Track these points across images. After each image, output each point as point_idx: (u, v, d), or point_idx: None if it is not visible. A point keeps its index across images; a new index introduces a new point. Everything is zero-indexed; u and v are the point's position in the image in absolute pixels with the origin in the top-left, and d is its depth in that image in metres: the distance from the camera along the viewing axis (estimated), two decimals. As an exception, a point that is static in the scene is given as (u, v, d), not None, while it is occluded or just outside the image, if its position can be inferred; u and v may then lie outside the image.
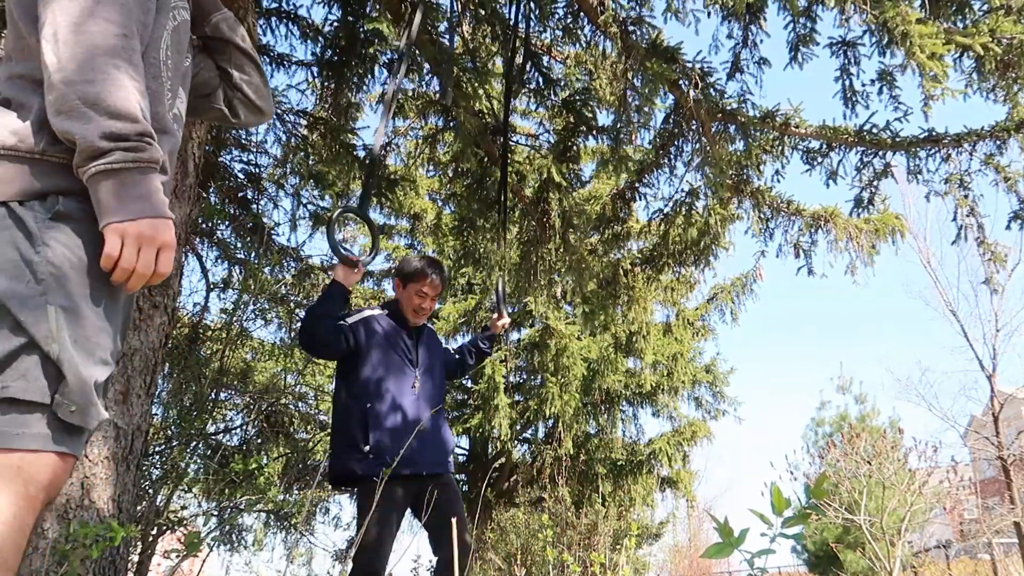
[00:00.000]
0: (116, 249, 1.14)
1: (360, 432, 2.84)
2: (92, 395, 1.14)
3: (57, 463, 1.11)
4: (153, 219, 1.16)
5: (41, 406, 1.09)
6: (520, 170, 5.04)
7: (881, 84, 3.86)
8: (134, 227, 1.14)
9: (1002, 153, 4.11)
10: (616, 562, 5.93)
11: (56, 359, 1.10)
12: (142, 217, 1.15)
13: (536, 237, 5.01)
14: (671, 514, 12.79)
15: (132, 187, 1.14)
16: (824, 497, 6.73)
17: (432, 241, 10.24)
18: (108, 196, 1.13)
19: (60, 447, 1.11)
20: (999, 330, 12.09)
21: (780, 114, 4.15)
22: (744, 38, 4.21)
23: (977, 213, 4.34)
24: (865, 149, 4.29)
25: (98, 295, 1.17)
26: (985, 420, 13.28)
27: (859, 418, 16.19)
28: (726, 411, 11.37)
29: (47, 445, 1.09)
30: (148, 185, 1.17)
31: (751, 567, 1.85)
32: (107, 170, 1.12)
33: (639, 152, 4.89)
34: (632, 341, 10.03)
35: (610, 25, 3.76)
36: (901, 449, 7.49)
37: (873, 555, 6.85)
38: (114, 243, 1.13)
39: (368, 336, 2.98)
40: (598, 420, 10.84)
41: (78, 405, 1.12)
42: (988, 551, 11.05)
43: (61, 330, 1.11)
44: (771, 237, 4.90)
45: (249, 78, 1.66)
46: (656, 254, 5.16)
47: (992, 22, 3.47)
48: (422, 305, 3.08)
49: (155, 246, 1.17)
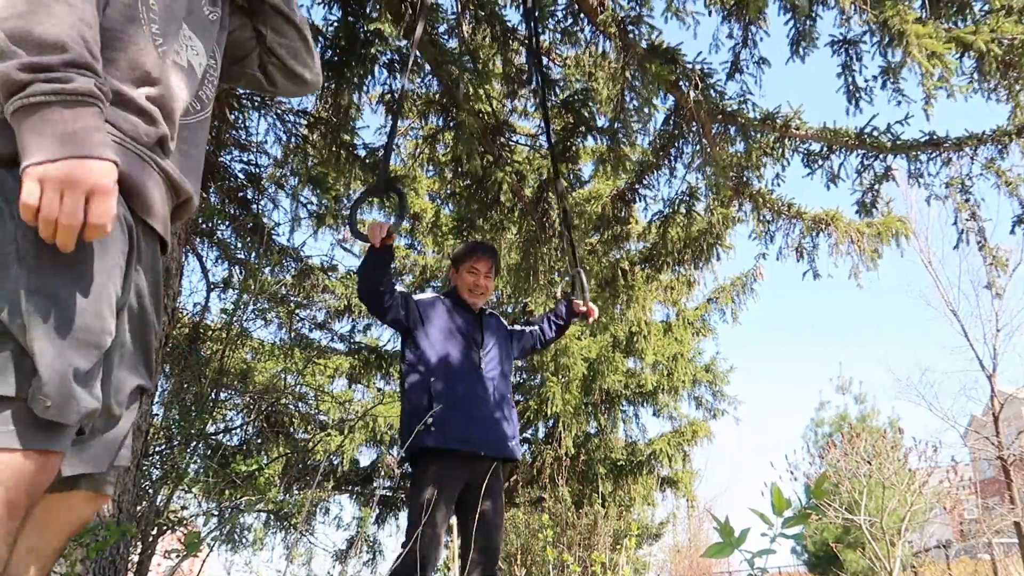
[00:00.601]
0: (34, 196, 0.98)
1: (423, 407, 2.88)
2: (71, 387, 1.01)
3: (36, 461, 1.01)
4: (81, 159, 0.99)
5: (8, 400, 0.99)
6: (520, 170, 5.04)
7: (884, 79, 3.85)
8: (55, 169, 0.98)
9: (1003, 157, 4.11)
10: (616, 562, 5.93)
11: (27, 348, 0.99)
12: (66, 157, 0.98)
13: (536, 237, 5.01)
14: (671, 514, 12.80)
15: (55, 124, 0.99)
16: (824, 497, 6.73)
17: (432, 241, 10.23)
18: (28, 135, 0.99)
19: (36, 444, 1.00)
20: (999, 330, 12.10)
21: (780, 116, 4.15)
22: (744, 38, 4.21)
23: (978, 217, 4.34)
24: (866, 152, 4.29)
25: (71, 267, 1.03)
26: (985, 420, 13.28)
27: (859, 418, 16.21)
28: (726, 410, 11.37)
29: (18, 443, 0.99)
30: (77, 121, 1.00)
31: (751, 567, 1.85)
32: (25, 106, 0.99)
33: (638, 151, 4.89)
34: (632, 341, 10.03)
35: (609, 25, 3.76)
36: (901, 449, 7.50)
37: (873, 555, 6.85)
38: (31, 189, 0.98)
39: (431, 314, 3.04)
40: (598, 420, 10.84)
41: (54, 400, 1.00)
42: (988, 551, 11.05)
43: (29, 314, 0.99)
44: (772, 240, 4.90)
45: (287, 41, 1.52)
46: (656, 254, 5.17)
47: (993, 22, 3.47)
48: (476, 282, 3.14)
49: (81, 191, 0.99)
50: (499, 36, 4.39)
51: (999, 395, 12.14)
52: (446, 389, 2.92)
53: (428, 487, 2.78)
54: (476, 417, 2.90)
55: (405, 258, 10.40)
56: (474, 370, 3.01)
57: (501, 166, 4.70)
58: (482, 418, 2.93)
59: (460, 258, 3.25)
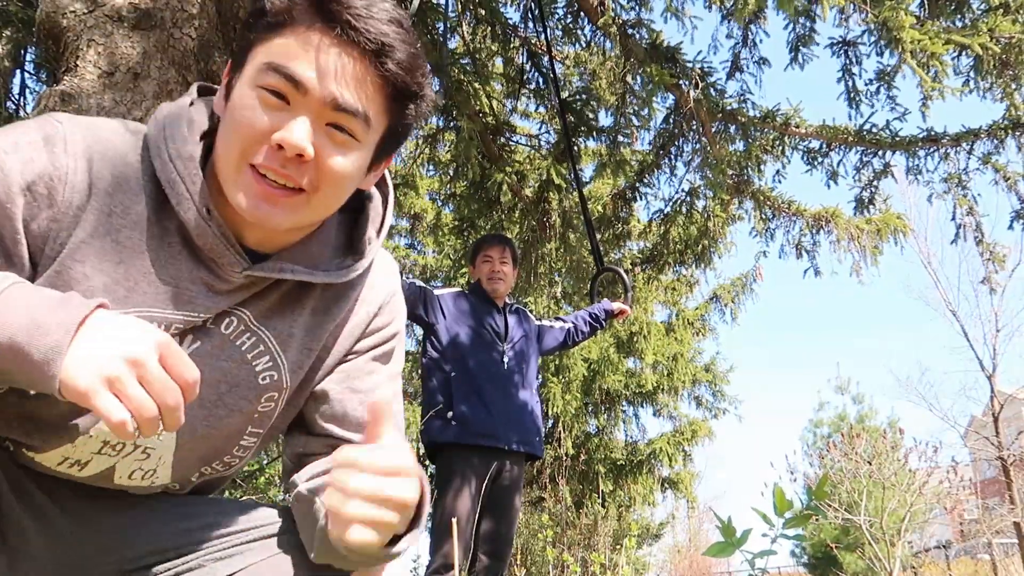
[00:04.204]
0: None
1: (445, 401, 2.87)
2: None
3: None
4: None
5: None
6: (520, 170, 5.04)
7: (879, 84, 3.87)
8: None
9: (1000, 152, 4.12)
10: (616, 562, 5.93)
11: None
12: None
13: (536, 237, 5.01)
14: (671, 514, 12.80)
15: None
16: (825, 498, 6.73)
17: (432, 241, 10.24)
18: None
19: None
20: (999, 330, 12.10)
21: (780, 114, 4.16)
22: (744, 38, 4.22)
23: (976, 212, 4.35)
24: (865, 149, 4.30)
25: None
26: (985, 420, 13.28)
27: (857, 419, 16.20)
28: (726, 410, 11.36)
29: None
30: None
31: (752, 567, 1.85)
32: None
33: (638, 155, 4.90)
34: (632, 341, 10.04)
35: (610, 26, 3.77)
36: (901, 449, 7.49)
37: (873, 556, 6.84)
38: None
39: (453, 309, 3.03)
40: (598, 420, 10.84)
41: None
42: (988, 551, 11.05)
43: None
44: (772, 238, 4.90)
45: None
46: (656, 253, 5.17)
47: (991, 21, 3.47)
48: (493, 268, 3.13)
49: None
50: (500, 36, 4.39)
51: (999, 395, 12.14)
52: (468, 383, 2.89)
53: (453, 486, 2.77)
54: (498, 412, 2.87)
55: (405, 258, 10.40)
56: (497, 364, 2.97)
57: (501, 167, 4.70)
58: (504, 412, 2.90)
59: (473, 252, 3.27)
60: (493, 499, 2.90)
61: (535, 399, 3.11)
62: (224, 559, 0.94)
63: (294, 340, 0.95)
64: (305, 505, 0.93)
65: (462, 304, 3.07)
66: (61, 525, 0.95)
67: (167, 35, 2.23)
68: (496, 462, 2.91)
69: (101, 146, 0.86)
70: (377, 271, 1.03)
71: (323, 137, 0.83)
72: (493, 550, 2.91)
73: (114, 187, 0.85)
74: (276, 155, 0.81)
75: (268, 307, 0.93)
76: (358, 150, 0.86)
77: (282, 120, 0.81)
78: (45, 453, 0.89)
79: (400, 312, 1.06)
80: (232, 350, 0.92)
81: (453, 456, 2.83)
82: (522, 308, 3.31)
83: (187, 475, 0.99)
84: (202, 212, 0.85)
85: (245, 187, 0.83)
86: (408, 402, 8.67)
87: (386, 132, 0.89)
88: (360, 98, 0.82)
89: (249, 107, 0.82)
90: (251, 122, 0.81)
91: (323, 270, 0.93)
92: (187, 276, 0.87)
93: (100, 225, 0.84)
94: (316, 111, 0.82)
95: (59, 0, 2.18)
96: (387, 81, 0.83)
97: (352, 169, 0.86)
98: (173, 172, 0.85)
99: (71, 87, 2.08)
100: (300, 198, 0.84)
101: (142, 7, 2.22)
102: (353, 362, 1.01)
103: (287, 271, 0.90)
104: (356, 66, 0.82)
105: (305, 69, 0.80)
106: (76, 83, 2.08)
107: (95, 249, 0.83)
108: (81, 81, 2.09)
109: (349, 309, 0.99)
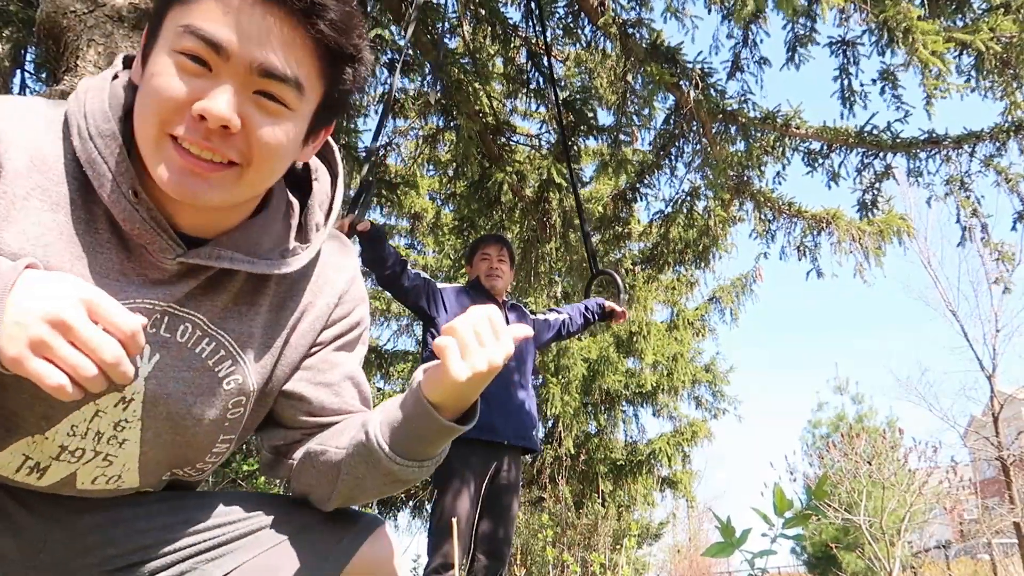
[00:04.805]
0: None
1: None
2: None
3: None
4: None
5: None
6: (520, 170, 5.04)
7: (883, 84, 3.87)
8: None
9: (1002, 154, 4.12)
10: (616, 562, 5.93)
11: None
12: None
13: (536, 237, 5.01)
14: (671, 514, 12.80)
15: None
16: (824, 498, 6.72)
17: (432, 241, 10.23)
18: None
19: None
20: (999, 330, 12.10)
21: (781, 115, 4.15)
22: (744, 38, 4.22)
23: (980, 214, 4.35)
24: (866, 150, 4.30)
25: None
26: (985, 420, 13.28)
27: (856, 419, 16.19)
28: (726, 410, 11.37)
29: None
30: None
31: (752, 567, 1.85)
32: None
33: (639, 155, 4.90)
34: (632, 341, 10.04)
35: (610, 26, 3.77)
36: (900, 449, 7.49)
37: (873, 556, 6.84)
38: None
39: (454, 303, 3.05)
40: (598, 420, 10.84)
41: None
42: (988, 551, 11.05)
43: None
44: (773, 239, 4.90)
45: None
46: (656, 253, 5.17)
47: (992, 21, 3.48)
48: (491, 266, 3.16)
49: None
50: (500, 35, 4.39)
51: (999, 395, 12.14)
52: None
53: (452, 486, 2.77)
54: (497, 406, 2.88)
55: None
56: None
57: (501, 166, 4.70)
58: (502, 407, 2.91)
59: (470, 252, 3.29)
60: (492, 498, 2.90)
61: (531, 395, 3.13)
62: (215, 559, 0.91)
63: (254, 340, 0.90)
64: (358, 446, 0.92)
65: (463, 300, 3.09)
66: (34, 529, 0.90)
67: (167, 35, 2.23)
68: (495, 460, 2.92)
69: (9, 124, 0.78)
70: (330, 257, 0.97)
71: (251, 106, 0.75)
72: (492, 550, 2.91)
73: (29, 168, 0.78)
74: (198, 126, 0.74)
75: (222, 308, 0.87)
76: (291, 120, 0.78)
77: (203, 88, 0.73)
78: (8, 449, 0.84)
79: (361, 299, 1.01)
80: (192, 358, 0.86)
81: (452, 454, 2.83)
82: (519, 305, 3.33)
83: (156, 479, 0.95)
84: (127, 194, 0.78)
85: (167, 160, 0.75)
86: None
87: (322, 99, 0.81)
88: (289, 62, 0.75)
89: (167, 75, 0.74)
90: (168, 90, 0.73)
91: (265, 259, 0.87)
92: (117, 266, 0.81)
93: (15, 210, 0.76)
94: (241, 78, 0.74)
95: (59, 0, 2.18)
96: (319, 43, 0.76)
97: (286, 140, 0.79)
98: (94, 151, 0.78)
99: (71, 87, 2.08)
100: (230, 172, 0.77)
101: (142, 7, 2.22)
102: (318, 355, 0.97)
103: (225, 258, 0.83)
104: (283, 27, 0.74)
105: (226, 32, 0.72)
106: (76, 83, 2.08)
107: (13, 235, 0.76)
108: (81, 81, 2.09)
109: (308, 301, 0.94)
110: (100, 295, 0.69)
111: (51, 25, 2.18)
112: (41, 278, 0.69)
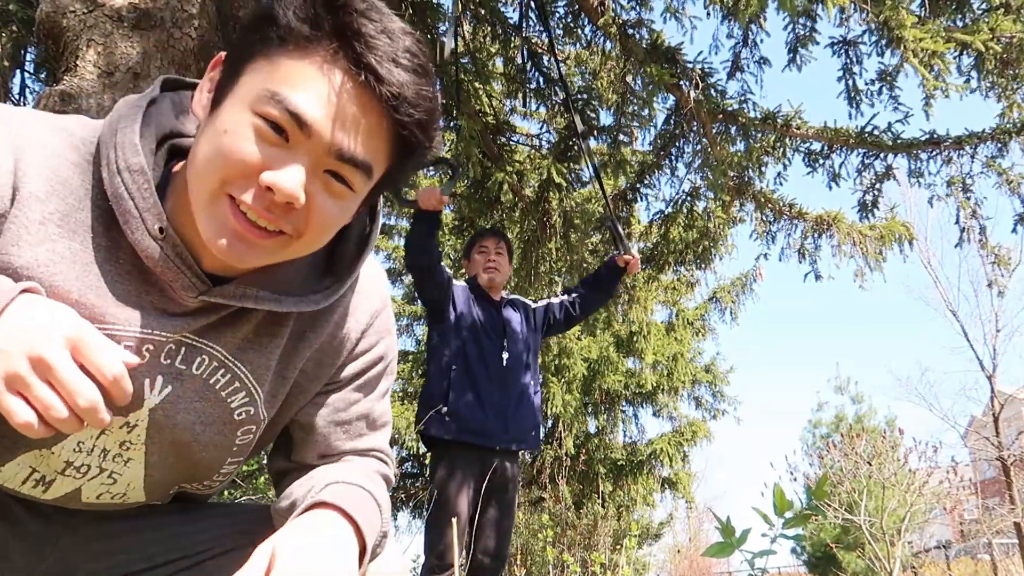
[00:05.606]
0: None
1: (441, 396, 2.86)
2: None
3: None
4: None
5: None
6: (520, 170, 5.04)
7: (881, 85, 3.87)
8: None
9: (1003, 156, 4.11)
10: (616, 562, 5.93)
11: None
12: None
13: (536, 237, 5.01)
14: (671, 514, 12.79)
15: None
16: (825, 498, 6.72)
17: (432, 241, 10.23)
18: None
19: None
20: (999, 330, 12.11)
21: (781, 115, 4.15)
22: (744, 38, 4.21)
23: (979, 215, 4.34)
24: (866, 151, 4.29)
25: None
26: (985, 420, 13.28)
27: (856, 419, 16.19)
28: (726, 410, 11.37)
29: None
30: None
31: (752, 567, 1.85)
32: None
33: (639, 155, 4.89)
34: (632, 341, 10.04)
35: (610, 26, 3.77)
36: (901, 449, 7.49)
37: (873, 556, 6.84)
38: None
39: (458, 301, 3.04)
40: (598, 420, 10.84)
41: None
42: (988, 551, 11.04)
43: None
44: (773, 240, 4.89)
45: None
46: (657, 253, 5.17)
47: (992, 21, 3.48)
48: (488, 258, 3.13)
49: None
50: (500, 35, 4.39)
51: (999, 395, 12.14)
52: (464, 378, 2.90)
53: (450, 486, 2.77)
54: (493, 410, 2.87)
55: (406, 258, 10.40)
56: (494, 359, 2.97)
57: (502, 166, 4.70)
58: (500, 411, 2.90)
59: (468, 247, 3.27)
60: (491, 498, 2.90)
61: (535, 392, 3.09)
62: (224, 567, 0.91)
63: (270, 371, 0.87)
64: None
65: (465, 298, 3.09)
66: (42, 533, 0.90)
67: (167, 35, 2.23)
68: (493, 461, 2.91)
69: (32, 146, 0.75)
70: (360, 289, 0.93)
71: (317, 183, 0.73)
72: (492, 550, 2.91)
73: (48, 193, 0.75)
74: (263, 196, 0.71)
75: (243, 339, 0.84)
76: (352, 200, 0.77)
77: (277, 159, 0.71)
78: (15, 460, 0.83)
79: (387, 331, 0.97)
80: (206, 390, 0.84)
81: (450, 454, 2.83)
82: (518, 299, 3.30)
83: (163, 495, 0.94)
84: (152, 230, 0.75)
85: (220, 219, 0.73)
86: (408, 402, 8.66)
87: (383, 178, 0.80)
88: (368, 150, 0.73)
89: (242, 135, 0.71)
90: (240, 153, 0.71)
91: (294, 296, 0.83)
92: (135, 297, 0.78)
93: (28, 234, 0.74)
94: (317, 156, 0.72)
95: (59, 0, 2.18)
96: (398, 134, 0.75)
97: (342, 219, 0.78)
98: (120, 186, 0.75)
99: (71, 87, 2.08)
100: (279, 240, 0.75)
101: (142, 7, 2.22)
102: (338, 394, 0.94)
103: (250, 297, 0.80)
104: (369, 116, 0.72)
105: (314, 110, 0.70)
106: (76, 83, 2.08)
107: (24, 260, 0.73)
108: (81, 81, 2.09)
109: (330, 333, 0.91)
110: (90, 333, 0.67)
111: (51, 25, 2.18)
112: (36, 304, 0.67)
